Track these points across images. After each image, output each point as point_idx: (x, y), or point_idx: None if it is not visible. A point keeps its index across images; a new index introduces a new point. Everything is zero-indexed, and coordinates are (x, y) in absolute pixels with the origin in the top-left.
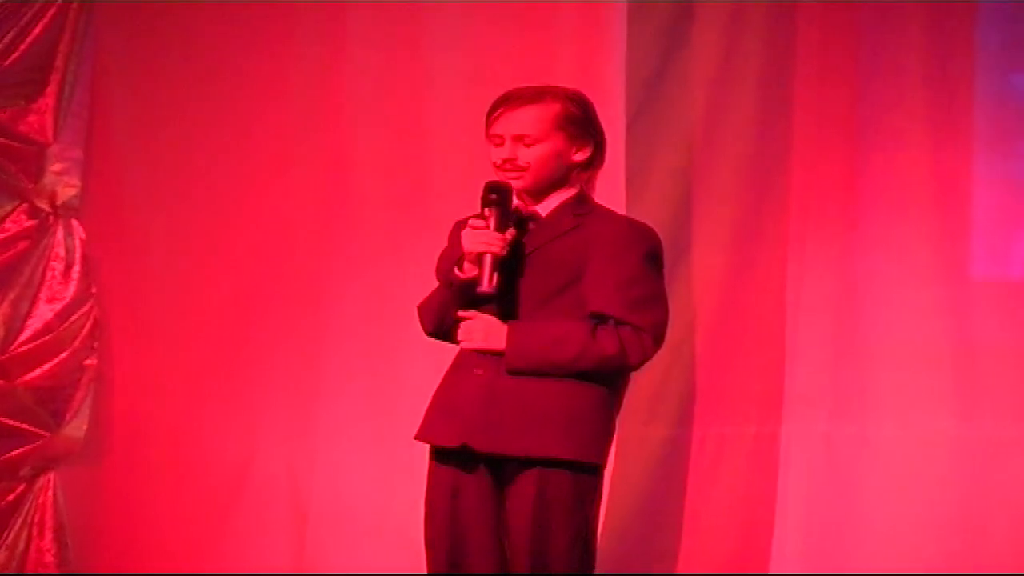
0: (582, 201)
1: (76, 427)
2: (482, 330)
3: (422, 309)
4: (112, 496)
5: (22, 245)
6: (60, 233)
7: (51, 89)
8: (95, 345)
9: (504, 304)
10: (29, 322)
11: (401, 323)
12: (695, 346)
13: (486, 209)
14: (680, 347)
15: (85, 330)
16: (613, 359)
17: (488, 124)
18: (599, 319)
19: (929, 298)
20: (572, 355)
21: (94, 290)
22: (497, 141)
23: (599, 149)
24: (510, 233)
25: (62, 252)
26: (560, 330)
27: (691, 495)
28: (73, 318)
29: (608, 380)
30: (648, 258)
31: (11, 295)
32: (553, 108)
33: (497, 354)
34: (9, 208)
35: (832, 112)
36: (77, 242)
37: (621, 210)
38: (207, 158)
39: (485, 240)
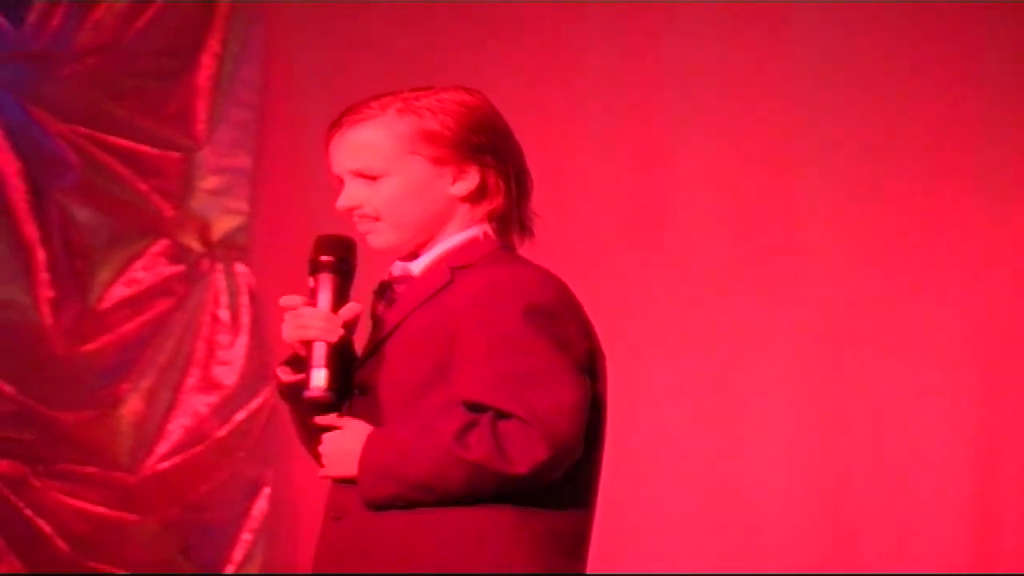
0: (469, 248)
1: None
2: (336, 450)
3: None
4: None
5: (160, 304)
6: (220, 284)
7: (204, 61)
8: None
9: (371, 408)
10: (171, 425)
11: None
12: None
13: (315, 277)
14: None
15: (257, 435)
16: (485, 470)
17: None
18: (478, 410)
19: None
20: (428, 471)
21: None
22: (338, 182)
23: (503, 171)
24: (351, 309)
25: (224, 314)
26: (412, 437)
27: None
28: (239, 416)
29: (528, 501)
30: (530, 316)
31: (144, 382)
32: (398, 121)
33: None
34: (139, 248)
35: None
36: (245, 298)
37: None
38: None
39: (314, 324)
